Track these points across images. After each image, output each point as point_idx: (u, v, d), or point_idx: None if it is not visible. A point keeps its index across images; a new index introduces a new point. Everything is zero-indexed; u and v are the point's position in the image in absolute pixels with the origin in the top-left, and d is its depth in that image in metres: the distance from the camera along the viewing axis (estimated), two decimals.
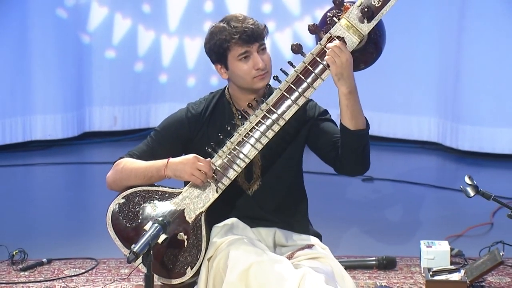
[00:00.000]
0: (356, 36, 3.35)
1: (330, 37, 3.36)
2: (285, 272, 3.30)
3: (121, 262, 4.31)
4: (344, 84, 3.36)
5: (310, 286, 3.25)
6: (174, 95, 7.30)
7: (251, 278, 3.28)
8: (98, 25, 7.21)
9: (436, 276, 4.04)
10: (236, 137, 3.45)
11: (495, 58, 6.53)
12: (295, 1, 7.15)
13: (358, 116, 3.43)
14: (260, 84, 3.53)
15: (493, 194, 3.37)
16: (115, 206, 3.58)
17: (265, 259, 3.33)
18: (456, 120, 6.71)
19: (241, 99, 3.60)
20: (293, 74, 3.40)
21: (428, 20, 6.72)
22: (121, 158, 3.63)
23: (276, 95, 3.42)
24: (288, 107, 3.41)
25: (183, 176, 3.46)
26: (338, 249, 4.41)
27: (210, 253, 3.44)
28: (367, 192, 5.65)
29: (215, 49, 3.52)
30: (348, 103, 3.40)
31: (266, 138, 3.43)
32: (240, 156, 3.44)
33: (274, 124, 3.42)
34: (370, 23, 3.34)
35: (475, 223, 4.99)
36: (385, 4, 3.32)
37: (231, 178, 3.47)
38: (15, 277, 4.20)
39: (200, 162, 3.43)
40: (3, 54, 6.83)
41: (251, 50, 3.50)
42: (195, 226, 3.50)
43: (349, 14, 3.34)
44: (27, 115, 7.01)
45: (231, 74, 3.54)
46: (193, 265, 3.49)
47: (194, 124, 3.61)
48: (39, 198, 6.00)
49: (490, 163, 6.48)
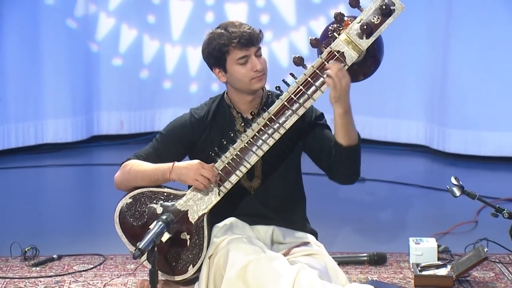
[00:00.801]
0: (355, 51, 3.35)
1: (330, 51, 3.35)
2: (281, 268, 3.31)
3: (127, 258, 4.31)
4: (340, 106, 3.37)
5: (305, 281, 3.26)
6: (177, 101, 7.30)
7: (249, 275, 3.29)
8: (106, 35, 7.22)
9: (424, 271, 4.04)
10: (239, 143, 3.45)
11: (480, 65, 6.53)
12: (291, 13, 7.16)
13: (351, 134, 3.44)
14: (257, 85, 3.53)
15: (478, 194, 3.37)
16: (122, 206, 3.58)
17: (262, 257, 3.33)
18: (443, 124, 6.72)
19: (240, 102, 3.60)
20: (294, 86, 3.40)
21: (416, 31, 6.73)
22: (128, 160, 3.63)
23: (277, 105, 3.42)
24: (289, 117, 3.41)
25: (186, 180, 3.45)
26: (332, 246, 4.41)
27: (211, 251, 3.44)
28: (359, 192, 5.65)
29: (214, 53, 3.52)
30: (343, 122, 3.41)
31: (267, 145, 3.43)
32: (242, 162, 3.44)
33: (275, 133, 3.42)
34: (369, 40, 3.34)
35: (461, 221, 4.99)
36: (384, 21, 3.32)
37: (233, 182, 3.47)
38: (27, 272, 4.19)
39: (204, 168, 3.43)
40: (17, 62, 6.83)
41: (249, 54, 3.50)
42: (198, 226, 3.50)
43: (349, 30, 3.34)
44: (39, 120, 7.01)
45: (230, 77, 3.54)
46: (195, 263, 3.49)
47: (197, 127, 3.61)
48: (50, 198, 5.99)
49: (475, 165, 6.48)
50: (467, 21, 6.48)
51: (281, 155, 3.57)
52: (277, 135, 3.42)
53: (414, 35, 6.74)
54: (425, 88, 6.84)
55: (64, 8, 6.97)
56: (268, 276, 3.28)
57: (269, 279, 3.27)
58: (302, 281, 3.25)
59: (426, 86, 6.83)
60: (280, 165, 3.59)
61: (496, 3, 6.39)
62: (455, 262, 4.09)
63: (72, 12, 7.02)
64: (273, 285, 3.25)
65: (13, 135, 6.89)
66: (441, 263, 4.12)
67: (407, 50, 6.79)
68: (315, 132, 3.58)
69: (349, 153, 3.45)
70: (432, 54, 6.75)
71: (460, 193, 3.36)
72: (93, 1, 7.13)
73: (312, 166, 3.70)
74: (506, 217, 3.27)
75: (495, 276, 4.12)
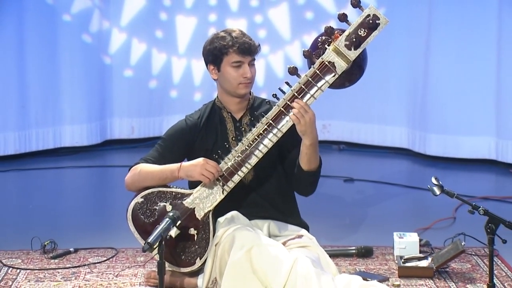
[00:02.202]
0: (345, 62, 3.35)
1: (322, 62, 3.36)
2: (281, 255, 3.31)
3: (138, 251, 4.29)
4: (307, 138, 3.38)
5: (301, 268, 3.26)
6: (182, 108, 7.27)
7: (253, 257, 3.28)
8: (118, 48, 7.21)
9: (407, 263, 4.03)
10: (240, 146, 3.45)
11: (457, 76, 6.53)
12: (286, 28, 7.15)
13: (312, 161, 3.46)
14: (243, 91, 3.54)
15: (456, 193, 3.36)
16: (135, 204, 3.58)
17: (264, 243, 3.33)
18: (423, 129, 6.71)
19: (229, 103, 3.62)
20: (289, 93, 3.40)
21: (399, 44, 6.72)
22: (136, 164, 3.63)
23: (274, 110, 3.42)
24: (285, 122, 3.41)
25: (194, 175, 3.46)
26: (324, 240, 4.39)
27: (216, 240, 3.43)
28: (349, 191, 5.65)
29: (214, 51, 3.53)
30: (308, 152, 3.43)
31: (266, 147, 3.43)
32: (244, 163, 3.44)
33: (273, 136, 3.42)
34: (357, 51, 3.34)
35: (440, 217, 4.98)
36: (370, 34, 3.33)
37: (235, 182, 3.48)
38: (46, 264, 4.18)
39: (209, 164, 3.44)
40: (38, 73, 6.83)
41: (244, 61, 3.51)
42: (204, 222, 3.49)
43: (339, 42, 3.34)
44: (57, 125, 6.99)
45: (221, 76, 3.55)
46: (202, 256, 3.49)
47: (193, 129, 3.63)
48: (67, 196, 5.98)
49: (453, 166, 6.47)
50: (446, 35, 6.49)
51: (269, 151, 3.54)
52: (275, 138, 3.43)
53: (397, 48, 6.74)
54: (408, 97, 6.84)
55: (80, 24, 6.97)
56: (269, 261, 3.28)
57: (270, 264, 3.27)
58: (299, 268, 3.26)
59: (408, 95, 6.83)
60: (268, 158, 3.55)
61: (472, 19, 6.38)
62: (435, 255, 4.08)
63: (87, 28, 7.01)
64: (274, 270, 3.25)
65: (33, 139, 6.88)
66: (422, 255, 4.11)
67: (391, 62, 6.79)
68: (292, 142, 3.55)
69: (308, 175, 3.48)
70: (414, 66, 6.74)
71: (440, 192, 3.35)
72: (106, 18, 7.12)
73: None
74: (481, 213, 3.26)
75: (471, 267, 4.11)
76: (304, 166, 3.46)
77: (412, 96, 6.79)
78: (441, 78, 6.57)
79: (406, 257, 4.08)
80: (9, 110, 6.73)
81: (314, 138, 3.39)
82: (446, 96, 6.57)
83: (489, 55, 6.36)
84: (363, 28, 3.32)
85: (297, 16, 7.11)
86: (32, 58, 6.77)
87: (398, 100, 6.89)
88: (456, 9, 6.42)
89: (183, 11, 7.25)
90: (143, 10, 7.20)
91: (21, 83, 6.74)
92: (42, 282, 3.94)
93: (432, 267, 3.97)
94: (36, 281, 3.95)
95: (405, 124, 6.89)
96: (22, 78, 6.74)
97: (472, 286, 3.86)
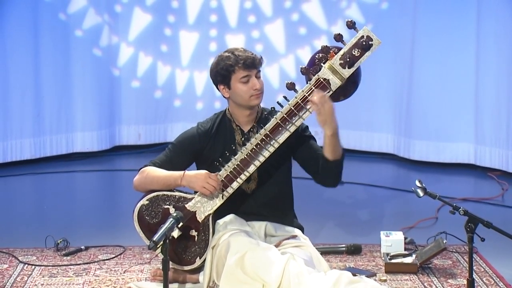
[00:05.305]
0: (339, 79, 3.35)
1: (318, 78, 3.35)
2: (273, 257, 3.30)
3: (144, 249, 4.29)
4: (328, 128, 3.35)
5: (293, 268, 3.25)
6: (185, 116, 7.29)
7: (246, 262, 3.28)
8: (126, 61, 7.20)
9: (393, 259, 4.03)
10: (240, 155, 3.44)
11: (439, 86, 6.53)
12: (281, 43, 7.15)
13: (336, 151, 3.42)
14: (255, 101, 3.53)
15: (438, 195, 3.35)
16: (140, 206, 3.56)
17: (257, 247, 3.32)
18: (408, 135, 6.71)
19: (239, 116, 3.59)
20: (287, 107, 3.40)
21: (386, 56, 6.71)
22: (145, 166, 3.62)
23: (272, 123, 3.41)
24: (282, 133, 3.40)
25: (195, 187, 3.45)
26: (316, 238, 4.40)
27: (214, 243, 3.43)
28: (340, 193, 5.63)
29: (222, 72, 3.51)
30: (330, 142, 3.39)
31: (263, 157, 3.42)
32: (243, 171, 3.43)
33: (270, 146, 3.41)
34: (350, 69, 3.34)
35: (424, 217, 4.98)
36: (363, 54, 3.33)
37: (234, 188, 3.47)
38: (59, 261, 4.17)
39: (211, 178, 3.42)
40: (52, 84, 6.81)
41: (251, 74, 3.50)
42: (204, 225, 3.48)
43: (334, 61, 3.33)
44: (69, 132, 6.98)
45: (232, 93, 3.53)
46: (201, 255, 3.48)
47: (203, 138, 3.60)
48: (79, 198, 5.97)
49: (436, 170, 6.47)
50: (429, 48, 6.49)
51: (274, 163, 3.56)
52: (272, 149, 3.41)
53: (383, 59, 6.73)
54: (393, 106, 6.84)
55: (91, 39, 6.96)
56: (262, 263, 3.27)
57: (263, 266, 3.26)
58: (291, 268, 3.24)
59: (394, 104, 6.83)
60: (273, 170, 3.58)
61: (452, 32, 6.39)
62: (419, 252, 4.07)
63: (97, 43, 7.01)
64: (267, 271, 3.24)
65: (48, 145, 6.87)
66: (407, 252, 4.11)
67: (378, 72, 6.79)
68: (303, 144, 3.57)
69: (334, 165, 3.44)
70: (399, 76, 6.74)
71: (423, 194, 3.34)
72: (115, 33, 7.11)
73: (300, 171, 3.70)
74: (461, 214, 3.25)
75: (452, 264, 4.11)
76: (329, 157, 3.41)
77: (398, 105, 6.79)
78: (424, 88, 6.57)
79: (392, 254, 4.07)
80: (25, 118, 6.72)
81: (335, 127, 3.35)
82: (429, 105, 6.58)
83: (468, 66, 6.37)
84: (357, 48, 3.31)
85: (291, 32, 7.11)
86: (47, 70, 6.76)
87: (384, 108, 6.89)
88: (438, 23, 6.42)
89: (186, 27, 7.25)
90: (149, 26, 7.19)
91: (37, 93, 6.73)
92: (55, 277, 3.92)
93: (416, 264, 3.96)
94: (50, 276, 3.94)
95: (391, 131, 6.89)
96: (37, 89, 6.73)
97: (453, 281, 3.85)
